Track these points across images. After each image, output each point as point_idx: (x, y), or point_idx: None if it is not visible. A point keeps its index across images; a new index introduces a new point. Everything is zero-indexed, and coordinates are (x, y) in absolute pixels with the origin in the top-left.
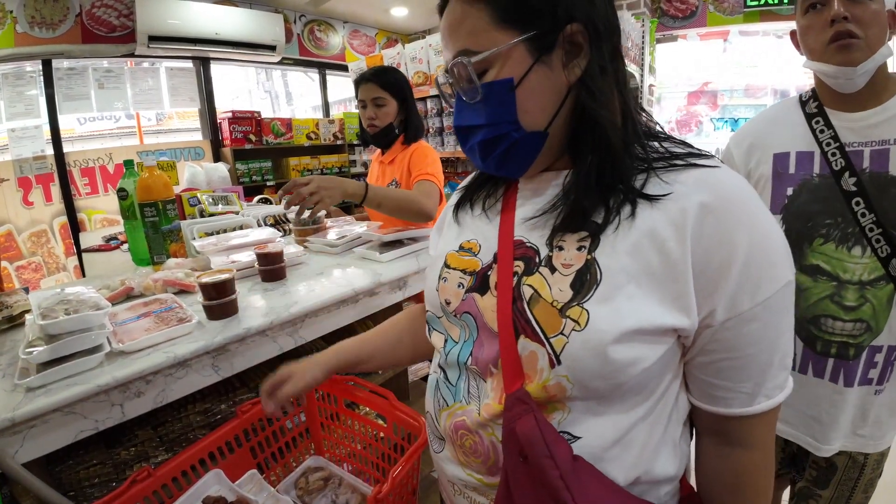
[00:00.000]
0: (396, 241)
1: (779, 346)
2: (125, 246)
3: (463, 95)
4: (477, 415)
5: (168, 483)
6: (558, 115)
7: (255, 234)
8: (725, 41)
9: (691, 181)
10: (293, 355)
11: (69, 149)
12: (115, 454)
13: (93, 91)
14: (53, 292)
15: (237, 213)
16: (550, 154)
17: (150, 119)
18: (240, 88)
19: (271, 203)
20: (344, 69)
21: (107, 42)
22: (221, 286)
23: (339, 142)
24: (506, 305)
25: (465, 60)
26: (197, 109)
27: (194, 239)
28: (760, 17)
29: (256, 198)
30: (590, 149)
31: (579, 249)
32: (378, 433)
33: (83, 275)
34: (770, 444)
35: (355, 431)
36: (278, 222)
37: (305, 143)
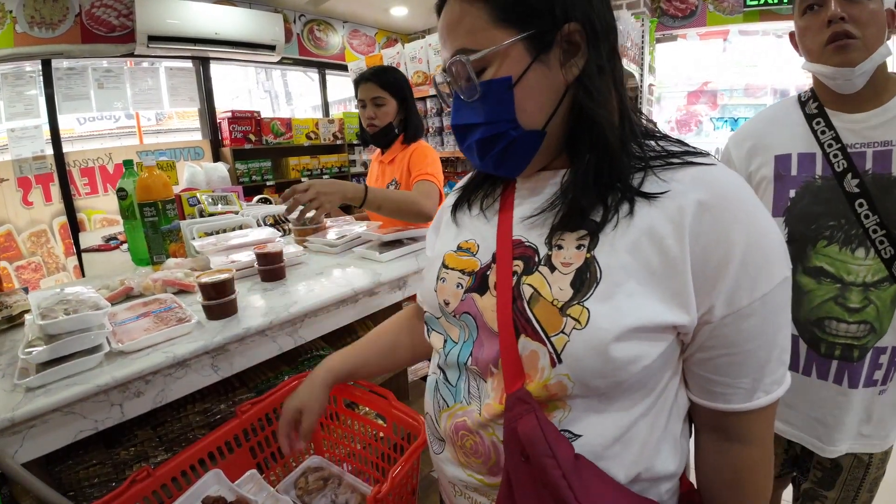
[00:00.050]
0: (396, 241)
1: (777, 342)
2: (125, 246)
3: (461, 94)
4: (478, 415)
5: (168, 483)
6: (556, 114)
7: (255, 234)
8: (725, 41)
9: (688, 179)
10: (293, 355)
11: (69, 149)
12: (115, 454)
13: (92, 91)
14: (53, 292)
15: (237, 213)
16: (548, 153)
17: (150, 119)
18: (239, 88)
19: (271, 203)
20: (343, 69)
21: (106, 42)
22: (221, 286)
23: (339, 142)
24: (506, 305)
25: (464, 59)
26: (196, 109)
27: (194, 239)
28: (760, 17)
29: (256, 198)
30: (587, 148)
31: (578, 248)
32: (377, 433)
33: (83, 275)
34: (769, 440)
35: (355, 431)
36: (278, 222)
37: (305, 143)
